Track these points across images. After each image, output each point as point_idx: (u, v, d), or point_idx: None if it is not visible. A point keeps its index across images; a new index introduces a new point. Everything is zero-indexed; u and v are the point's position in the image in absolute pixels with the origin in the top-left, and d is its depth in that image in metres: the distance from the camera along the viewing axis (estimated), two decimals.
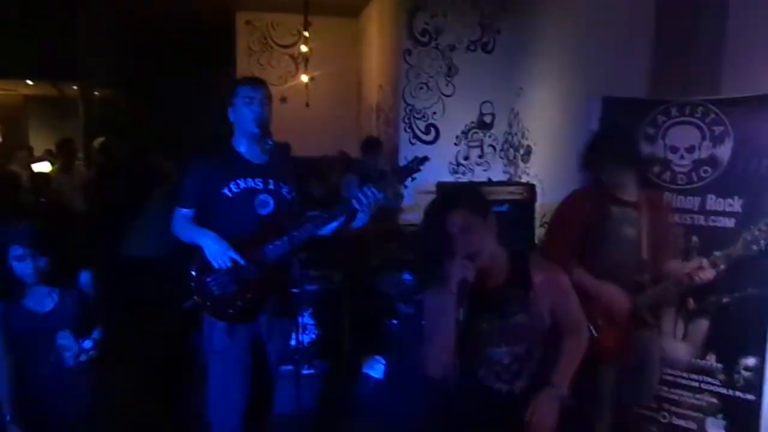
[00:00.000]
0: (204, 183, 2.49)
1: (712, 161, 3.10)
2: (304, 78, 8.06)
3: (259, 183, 2.51)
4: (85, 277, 2.35)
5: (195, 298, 2.42)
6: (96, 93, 9.98)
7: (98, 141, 6.99)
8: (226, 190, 2.47)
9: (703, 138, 3.13)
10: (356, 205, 2.44)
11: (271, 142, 2.47)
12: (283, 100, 8.32)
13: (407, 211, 5.56)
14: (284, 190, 2.49)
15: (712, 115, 3.10)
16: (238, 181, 2.49)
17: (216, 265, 2.39)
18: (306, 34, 7.62)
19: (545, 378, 2.11)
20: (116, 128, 7.13)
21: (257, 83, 2.55)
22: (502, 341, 2.05)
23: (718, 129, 3.08)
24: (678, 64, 3.48)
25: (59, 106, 11.64)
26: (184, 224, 2.48)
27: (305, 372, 3.68)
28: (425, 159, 2.52)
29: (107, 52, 8.61)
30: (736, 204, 3.05)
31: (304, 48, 7.76)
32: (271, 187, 2.51)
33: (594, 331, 2.59)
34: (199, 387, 3.03)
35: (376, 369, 3.80)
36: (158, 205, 4.30)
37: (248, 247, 2.42)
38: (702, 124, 3.13)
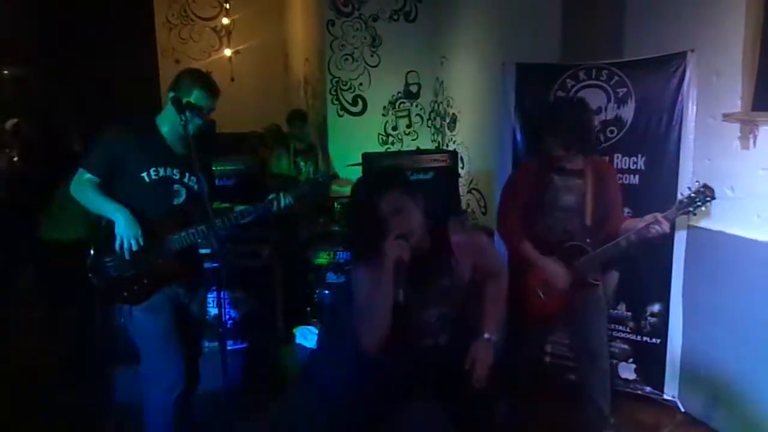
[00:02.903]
0: (120, 157, 2.39)
1: (618, 122, 3.28)
2: (228, 52, 7.86)
3: (176, 173, 2.47)
4: None
5: (90, 276, 2.37)
6: (5, 72, 9.38)
7: (10, 123, 6.60)
8: (144, 175, 2.40)
9: (609, 100, 3.29)
10: (270, 208, 2.54)
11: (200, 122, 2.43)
12: None
13: (336, 184, 5.57)
14: (199, 183, 2.45)
15: (616, 78, 3.26)
16: (159, 168, 2.42)
17: (120, 246, 2.34)
18: (227, 6, 7.41)
19: (468, 325, 2.23)
20: (29, 109, 6.74)
21: (215, 93, 2.46)
22: (430, 304, 2.17)
23: (621, 90, 3.25)
24: (584, 29, 3.62)
25: None
26: (92, 190, 2.36)
27: (238, 347, 3.69)
28: (336, 176, 2.71)
29: (15, 26, 8.08)
30: (639, 161, 3.25)
31: (226, 20, 7.56)
32: (185, 180, 2.49)
33: (541, 295, 2.75)
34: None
35: (308, 338, 3.85)
36: None
37: (155, 233, 2.40)
38: (607, 87, 3.29)
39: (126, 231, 2.32)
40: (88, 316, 3.67)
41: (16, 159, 5.73)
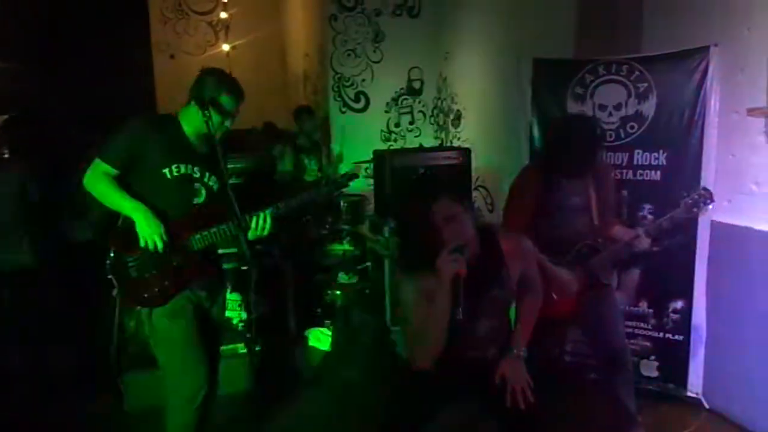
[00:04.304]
0: (141, 151, 2.30)
1: (638, 117, 3.24)
2: (225, 47, 7.73)
3: (196, 171, 2.39)
4: None
5: (109, 277, 2.28)
6: None
7: (1, 119, 6.44)
8: (166, 171, 2.31)
9: (629, 95, 3.25)
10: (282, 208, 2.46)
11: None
12: None
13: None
14: (220, 183, 2.38)
15: (637, 73, 3.21)
16: (180, 165, 2.34)
17: (144, 245, 2.25)
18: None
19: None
20: (22, 104, 6.58)
21: (242, 96, 2.40)
22: (480, 316, 2.10)
23: (642, 86, 3.20)
24: (601, 22, 3.57)
25: None
26: (108, 184, 2.26)
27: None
28: (355, 176, 2.71)
29: (5, 20, 7.89)
30: (661, 157, 3.21)
31: (223, 14, 7.42)
32: (205, 179, 2.41)
33: (554, 296, 2.69)
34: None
35: (321, 340, 3.78)
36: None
37: (175, 233, 2.31)
38: (627, 82, 3.25)
39: (147, 229, 2.23)
40: (99, 320, 3.57)
41: (7, 156, 5.60)
